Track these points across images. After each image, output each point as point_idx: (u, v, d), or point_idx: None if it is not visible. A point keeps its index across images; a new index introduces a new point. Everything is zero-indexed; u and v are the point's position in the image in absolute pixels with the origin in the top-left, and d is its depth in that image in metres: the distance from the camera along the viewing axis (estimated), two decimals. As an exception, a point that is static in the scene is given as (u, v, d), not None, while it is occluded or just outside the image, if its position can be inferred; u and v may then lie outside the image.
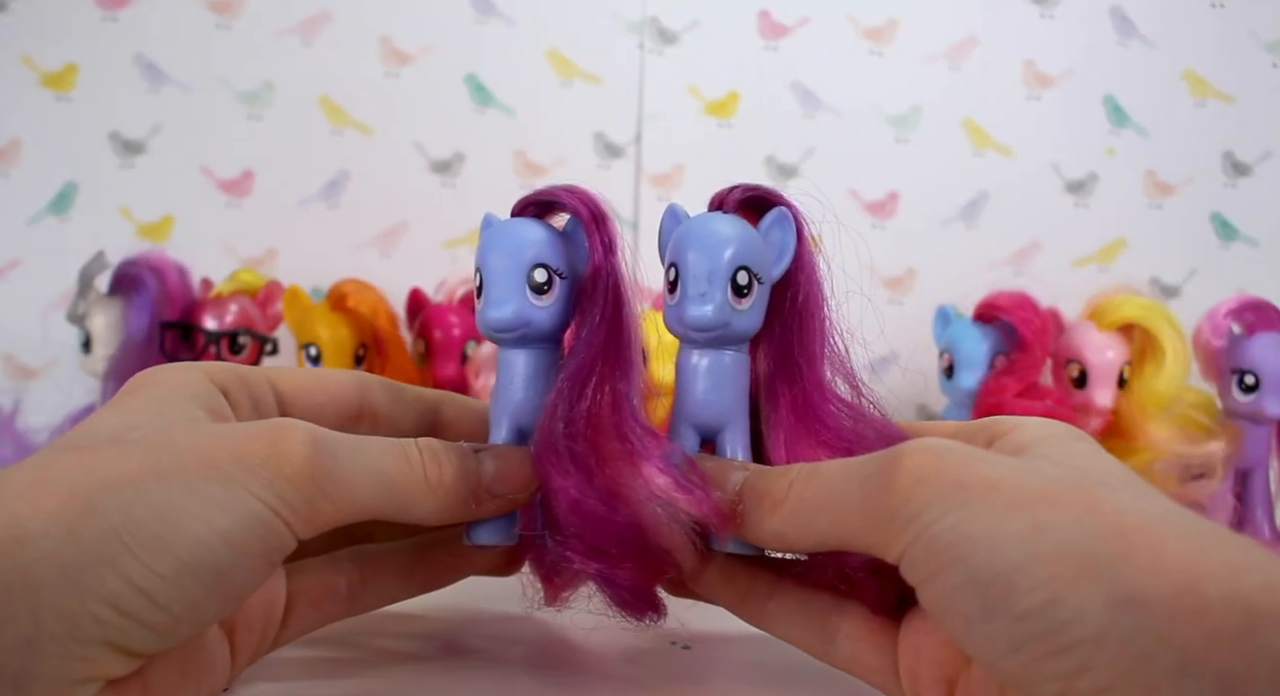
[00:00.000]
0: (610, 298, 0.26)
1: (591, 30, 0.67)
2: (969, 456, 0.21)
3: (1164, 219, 0.70)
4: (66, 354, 0.52)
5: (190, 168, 0.65)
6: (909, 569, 0.21)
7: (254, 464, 0.21)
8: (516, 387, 0.27)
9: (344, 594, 0.28)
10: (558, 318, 0.27)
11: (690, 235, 0.27)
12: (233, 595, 0.21)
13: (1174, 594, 0.17)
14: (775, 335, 0.28)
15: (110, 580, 0.19)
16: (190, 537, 0.20)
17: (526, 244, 0.27)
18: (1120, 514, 0.19)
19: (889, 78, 0.69)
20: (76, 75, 0.64)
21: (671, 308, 0.27)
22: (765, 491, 0.25)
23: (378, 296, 0.52)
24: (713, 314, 0.26)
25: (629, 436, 0.25)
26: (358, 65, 0.66)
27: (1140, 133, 0.70)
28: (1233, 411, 0.48)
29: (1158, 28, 0.70)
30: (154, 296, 0.48)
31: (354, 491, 0.23)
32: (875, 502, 0.21)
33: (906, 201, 0.69)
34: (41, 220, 0.63)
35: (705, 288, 0.26)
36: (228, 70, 0.65)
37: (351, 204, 0.66)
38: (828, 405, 0.27)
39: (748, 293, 0.26)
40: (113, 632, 0.19)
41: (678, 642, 0.33)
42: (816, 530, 0.23)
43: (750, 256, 0.26)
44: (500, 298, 0.26)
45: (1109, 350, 0.49)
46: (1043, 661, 0.18)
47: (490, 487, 0.26)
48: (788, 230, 0.27)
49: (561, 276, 0.27)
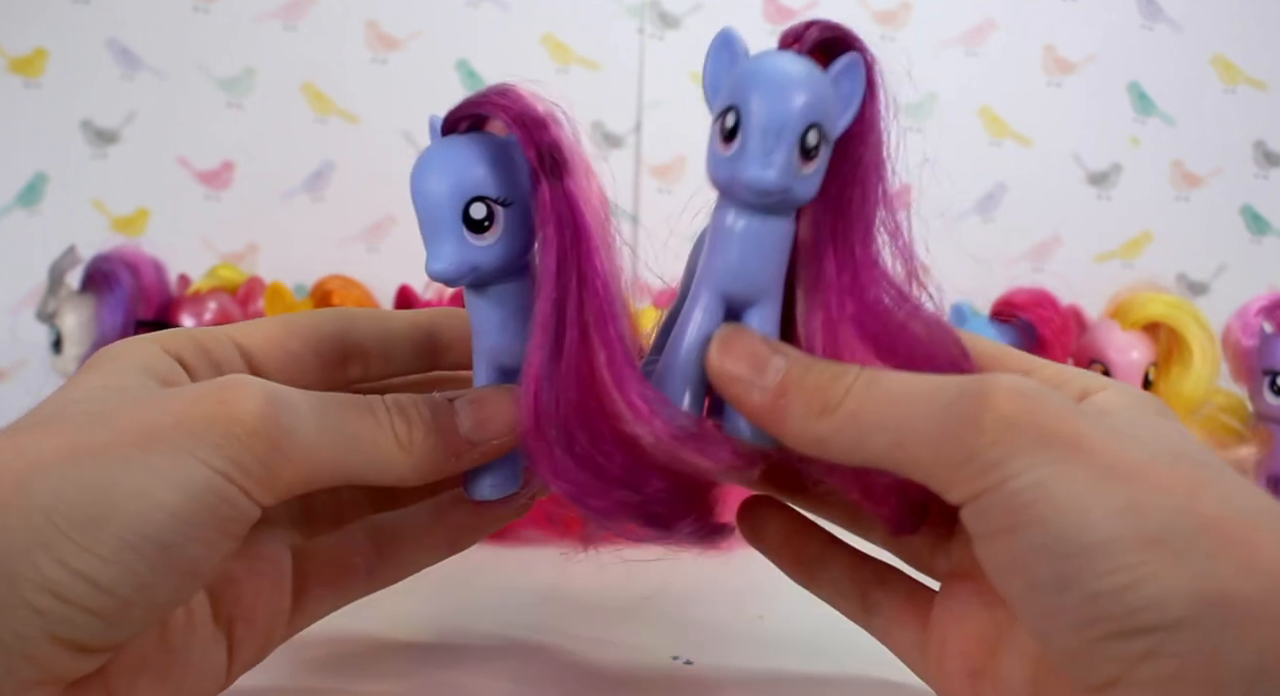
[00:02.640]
0: (564, 230, 0.23)
1: (589, 14, 0.67)
2: (1068, 409, 0.20)
3: (1192, 212, 0.70)
4: (36, 354, 0.52)
5: (166, 158, 0.65)
6: (976, 517, 0.20)
7: (199, 427, 0.20)
8: (489, 332, 0.25)
9: (361, 570, 0.27)
10: (511, 250, 0.24)
11: (759, 77, 0.24)
12: (189, 570, 0.20)
13: (1264, 596, 0.17)
14: (828, 200, 0.25)
15: (45, 565, 0.18)
16: (129, 514, 0.19)
17: (457, 175, 0.24)
18: (1221, 504, 0.18)
19: (901, 63, 0.69)
20: (46, 60, 0.64)
21: (724, 160, 0.24)
22: (815, 390, 0.22)
23: (364, 293, 0.52)
24: (776, 177, 0.23)
25: (621, 399, 0.23)
26: (343, 51, 0.66)
27: (1167, 121, 0.70)
28: (1264, 414, 0.48)
29: (1185, 10, 0.70)
30: (128, 294, 0.48)
31: (316, 452, 0.22)
32: (951, 437, 0.20)
33: (920, 193, 0.69)
34: (9, 213, 0.63)
35: (772, 145, 0.23)
36: (206, 55, 0.65)
37: (337, 196, 0.66)
38: (879, 289, 0.25)
39: (815, 155, 0.23)
40: (56, 623, 0.18)
41: (680, 658, 0.33)
42: (869, 448, 0.22)
43: (823, 112, 0.23)
44: (436, 245, 0.24)
45: (1133, 350, 0.49)
46: (1108, 642, 0.18)
47: (470, 436, 0.24)
48: (858, 81, 0.25)
49: (505, 204, 0.24)
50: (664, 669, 0.32)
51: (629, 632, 0.35)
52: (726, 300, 0.25)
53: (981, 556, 0.21)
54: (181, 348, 0.24)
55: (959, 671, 0.24)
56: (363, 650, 0.32)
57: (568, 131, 0.24)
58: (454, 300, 0.54)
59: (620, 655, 0.33)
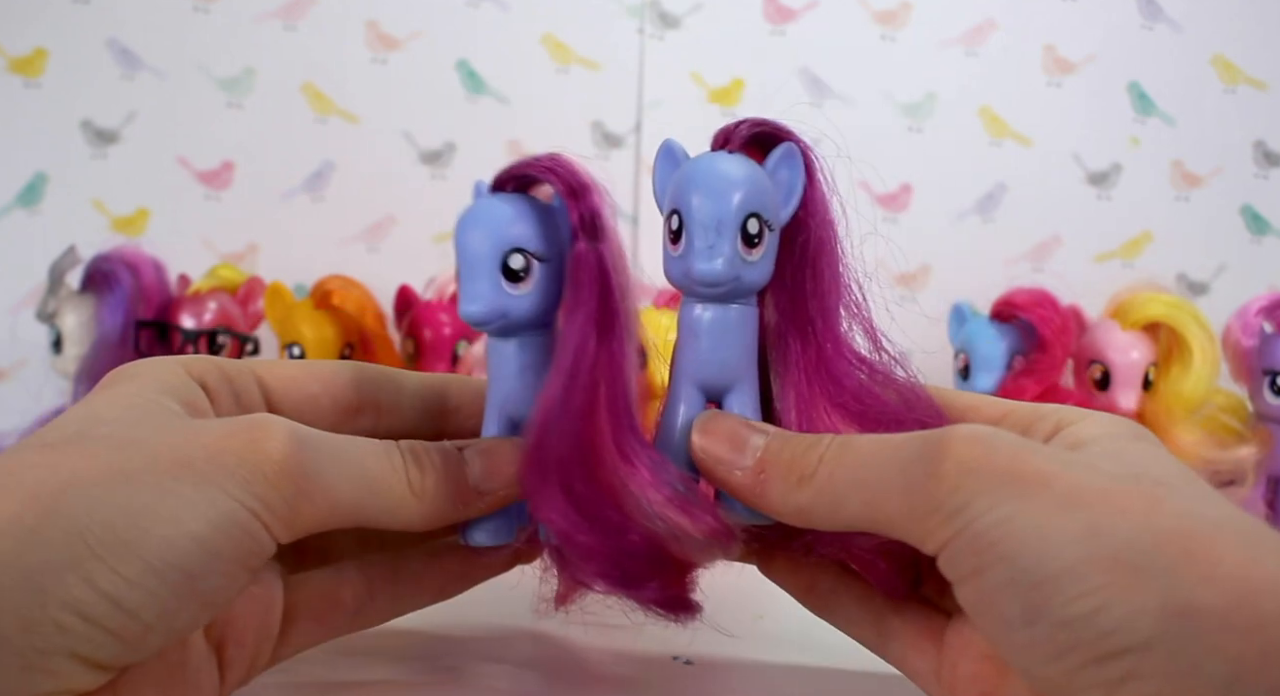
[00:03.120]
0: (594, 288, 0.24)
1: (589, 14, 0.67)
2: (1022, 448, 0.21)
3: (1192, 212, 0.70)
4: (36, 354, 0.52)
5: (166, 158, 0.65)
6: (948, 564, 0.21)
7: (230, 462, 0.21)
8: (505, 378, 0.26)
9: (349, 607, 0.28)
10: (540, 304, 0.26)
11: (694, 179, 0.25)
12: (208, 601, 0.21)
13: (1229, 606, 0.17)
14: (785, 284, 0.26)
15: (74, 585, 0.19)
16: (159, 540, 0.19)
17: (500, 227, 0.25)
18: (1179, 518, 0.19)
19: (902, 64, 0.69)
20: (46, 60, 0.64)
21: (675, 260, 0.25)
22: (791, 462, 0.23)
23: (364, 293, 0.52)
24: (722, 268, 0.24)
25: (619, 453, 0.24)
26: (343, 50, 0.66)
27: (1167, 121, 0.70)
28: (1264, 414, 0.48)
29: (1186, 10, 0.70)
30: (128, 293, 0.48)
31: (336, 493, 0.22)
32: (917, 489, 0.21)
33: (920, 194, 0.69)
34: (9, 213, 0.63)
35: (714, 239, 0.24)
36: (206, 55, 0.65)
37: (337, 196, 0.66)
38: (845, 362, 0.26)
39: (758, 242, 0.25)
40: (77, 641, 0.19)
41: (680, 658, 0.33)
42: (847, 512, 0.22)
43: (760, 201, 0.25)
44: (474, 289, 0.25)
45: (1133, 350, 0.49)
46: (1085, 669, 0.18)
47: (478, 486, 0.25)
48: (795, 169, 0.26)
49: (542, 260, 0.25)
50: (664, 668, 0.32)
51: (630, 633, 0.35)
52: (704, 389, 0.26)
53: (962, 602, 0.21)
54: (205, 373, 0.25)
55: (969, 694, 0.24)
56: (365, 646, 0.32)
57: (608, 202, 0.25)
58: (452, 302, 0.54)
59: (620, 654, 0.33)
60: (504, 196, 0.26)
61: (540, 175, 0.26)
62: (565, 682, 0.31)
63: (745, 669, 0.32)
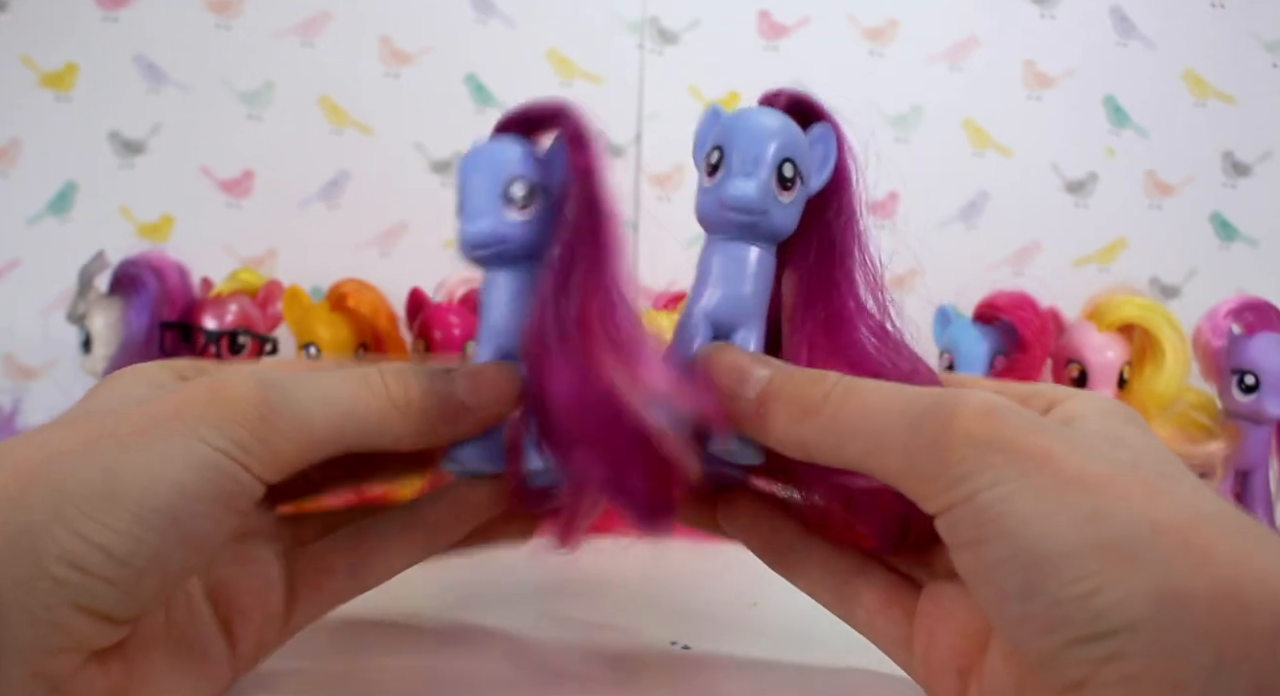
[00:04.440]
0: (589, 202, 0.25)
1: (592, 30, 0.67)
2: (1033, 424, 0.20)
3: (1164, 219, 0.70)
4: (66, 354, 0.52)
5: (190, 168, 0.65)
6: (948, 528, 0.20)
7: (198, 410, 0.21)
8: (499, 308, 0.26)
9: (343, 570, 0.28)
10: (538, 234, 0.26)
11: (740, 121, 0.26)
12: (198, 544, 0.21)
13: (1216, 592, 0.17)
14: (811, 247, 0.27)
15: (63, 538, 0.19)
16: (139, 490, 0.20)
17: (504, 158, 0.26)
18: (1177, 509, 0.18)
19: (889, 78, 0.69)
20: (76, 75, 0.64)
21: (709, 189, 0.26)
22: (796, 396, 0.23)
23: (378, 296, 0.52)
24: (756, 192, 0.25)
25: (621, 334, 0.24)
26: (358, 65, 0.66)
27: (1140, 133, 0.70)
28: (1233, 411, 0.48)
29: (1158, 28, 0.70)
30: (154, 296, 0.48)
31: (310, 424, 0.22)
32: (922, 450, 0.20)
33: (907, 202, 0.69)
34: (41, 220, 0.63)
35: (751, 167, 0.25)
36: (228, 70, 0.65)
37: (351, 204, 0.66)
38: (860, 326, 0.26)
39: (791, 186, 0.25)
40: (77, 592, 0.19)
41: (677, 643, 0.33)
42: (847, 452, 0.22)
43: (797, 151, 0.26)
44: (476, 211, 0.25)
45: (1109, 350, 0.49)
46: (1073, 645, 0.18)
47: (465, 399, 0.25)
48: (831, 145, 0.27)
49: (544, 191, 0.26)
50: (662, 653, 0.32)
51: (628, 619, 0.35)
52: (714, 325, 0.26)
53: (957, 565, 0.21)
54: (186, 368, 0.26)
55: (948, 668, 0.24)
56: (365, 633, 0.32)
57: (601, 144, 0.26)
58: (462, 304, 0.54)
59: (619, 640, 0.33)
60: (506, 137, 0.27)
61: (543, 115, 0.27)
62: (566, 666, 0.31)
63: (740, 654, 0.32)
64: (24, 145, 0.63)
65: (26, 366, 0.62)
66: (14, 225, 0.63)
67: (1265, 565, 0.17)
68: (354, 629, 0.30)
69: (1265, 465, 0.48)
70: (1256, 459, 0.48)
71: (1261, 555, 0.17)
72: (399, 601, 0.33)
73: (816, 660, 0.31)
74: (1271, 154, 0.71)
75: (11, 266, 0.63)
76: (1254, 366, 0.47)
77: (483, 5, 0.66)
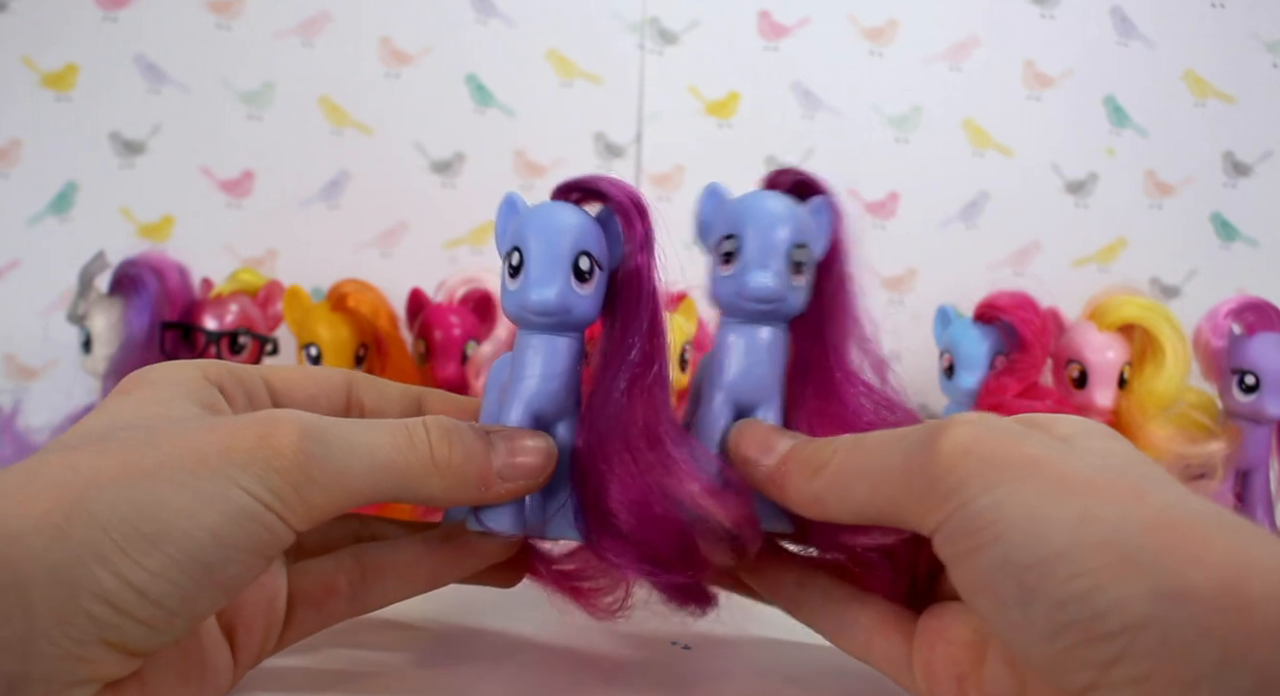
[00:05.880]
0: (650, 296, 0.26)
1: (592, 30, 0.67)
2: (1016, 434, 0.21)
3: (1164, 219, 0.70)
4: (67, 354, 0.52)
5: (190, 168, 0.65)
6: (944, 543, 0.21)
7: (241, 457, 0.21)
8: (535, 374, 0.27)
9: (345, 593, 0.28)
10: (593, 308, 0.27)
11: (751, 210, 0.27)
12: (227, 589, 0.21)
13: (1219, 588, 0.17)
14: (811, 317, 0.28)
15: (101, 576, 0.19)
16: (178, 533, 0.20)
17: (572, 228, 0.26)
18: (1164, 509, 0.19)
19: (889, 78, 0.69)
20: (76, 75, 0.64)
21: (726, 279, 0.27)
22: (809, 457, 0.25)
23: (378, 296, 0.52)
24: (775, 284, 0.26)
25: (666, 440, 0.26)
26: (358, 65, 0.66)
27: (1140, 133, 0.70)
28: (1233, 411, 0.48)
29: (1158, 28, 0.70)
30: (154, 296, 0.48)
31: (348, 477, 0.22)
32: (916, 471, 0.21)
33: (907, 201, 0.69)
34: (42, 220, 0.63)
35: (768, 259, 0.26)
36: (228, 70, 0.65)
37: (352, 204, 0.66)
38: (853, 388, 0.28)
39: (802, 270, 0.27)
40: (108, 630, 0.19)
41: (679, 643, 0.33)
42: (854, 497, 0.23)
43: (805, 235, 0.27)
44: (544, 279, 0.26)
45: (1109, 350, 0.49)
46: (1077, 649, 0.18)
47: (501, 472, 0.25)
48: (827, 217, 0.28)
49: (600, 268, 0.27)
50: (663, 653, 0.32)
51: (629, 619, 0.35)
52: (736, 405, 0.28)
53: (955, 581, 0.21)
54: (221, 376, 0.26)
55: (947, 677, 0.24)
56: (365, 632, 0.32)
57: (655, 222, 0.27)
58: (462, 304, 0.54)
59: (622, 640, 0.33)
60: (567, 204, 0.27)
61: (606, 192, 0.27)
62: (569, 665, 0.31)
63: (741, 653, 0.32)
64: (24, 145, 0.63)
65: (27, 366, 0.62)
66: (14, 225, 0.63)
67: (1263, 558, 0.17)
68: (354, 629, 0.30)
69: (1265, 465, 0.48)
70: (1256, 459, 0.48)
71: (1258, 550, 0.17)
72: (399, 601, 0.33)
73: (816, 659, 0.31)
74: (1271, 154, 0.71)
75: (11, 266, 0.63)
76: (1254, 366, 0.47)
77: (483, 5, 0.66)
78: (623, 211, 0.27)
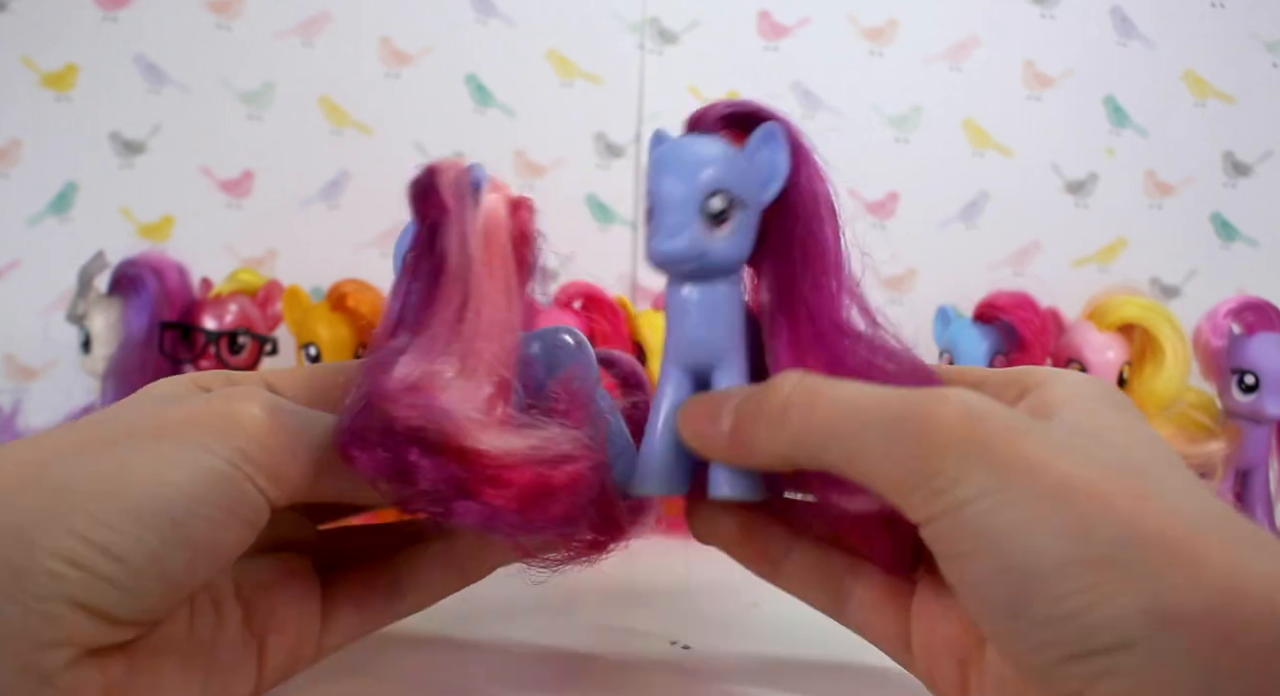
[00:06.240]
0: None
1: (592, 30, 0.67)
2: (1012, 427, 0.19)
3: (1164, 219, 0.70)
4: (66, 354, 0.52)
5: (190, 168, 0.65)
6: (933, 539, 0.20)
7: (206, 422, 0.21)
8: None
9: (384, 591, 0.28)
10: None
11: (659, 161, 0.24)
12: (202, 549, 0.21)
13: (1210, 611, 0.17)
14: (773, 264, 0.25)
15: (60, 535, 0.19)
16: (140, 488, 0.20)
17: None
18: (1165, 516, 0.18)
19: (889, 78, 0.69)
20: (76, 75, 0.64)
21: (648, 241, 0.24)
22: (756, 412, 0.22)
23: (378, 296, 0.52)
24: (683, 246, 0.23)
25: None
26: (358, 65, 0.66)
27: (1140, 133, 0.70)
28: (1233, 411, 0.48)
29: (1158, 28, 0.70)
30: (154, 296, 0.48)
31: (318, 450, 0.22)
32: (901, 458, 0.20)
33: (906, 201, 0.69)
34: (42, 220, 0.63)
35: (676, 217, 0.23)
36: (228, 70, 0.65)
37: (351, 204, 0.66)
38: (840, 339, 0.24)
39: (725, 219, 0.23)
40: (73, 587, 0.19)
41: (677, 642, 0.33)
42: (826, 460, 0.21)
43: (728, 179, 0.23)
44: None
45: (1109, 350, 0.49)
46: (1065, 662, 0.18)
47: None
48: (777, 148, 0.24)
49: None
50: (662, 653, 0.32)
51: (629, 619, 0.35)
52: (691, 370, 0.25)
53: (944, 573, 0.20)
54: (212, 380, 0.25)
55: (948, 659, 0.24)
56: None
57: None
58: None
59: (621, 640, 0.33)
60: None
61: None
62: (568, 665, 0.31)
63: (741, 653, 0.32)
64: (24, 145, 0.63)
65: (27, 366, 0.62)
66: (14, 225, 0.63)
67: (1261, 574, 0.17)
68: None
69: (1265, 465, 0.48)
70: (1256, 459, 0.48)
71: (1257, 562, 0.17)
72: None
73: (817, 659, 0.31)
74: (1272, 154, 0.71)
75: (11, 266, 0.63)
76: (1254, 366, 0.46)
77: (483, 5, 0.66)
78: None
